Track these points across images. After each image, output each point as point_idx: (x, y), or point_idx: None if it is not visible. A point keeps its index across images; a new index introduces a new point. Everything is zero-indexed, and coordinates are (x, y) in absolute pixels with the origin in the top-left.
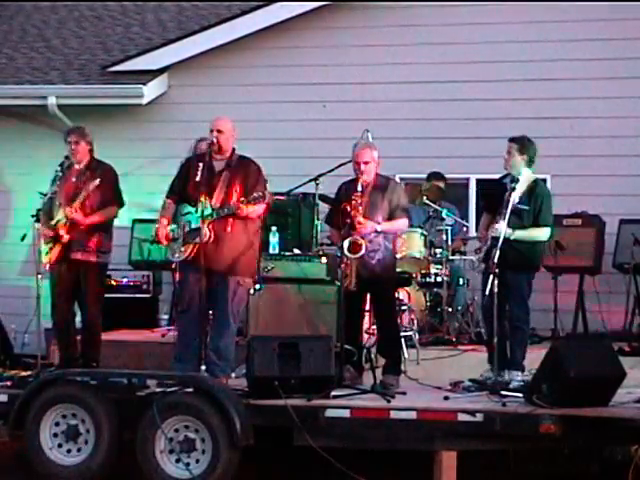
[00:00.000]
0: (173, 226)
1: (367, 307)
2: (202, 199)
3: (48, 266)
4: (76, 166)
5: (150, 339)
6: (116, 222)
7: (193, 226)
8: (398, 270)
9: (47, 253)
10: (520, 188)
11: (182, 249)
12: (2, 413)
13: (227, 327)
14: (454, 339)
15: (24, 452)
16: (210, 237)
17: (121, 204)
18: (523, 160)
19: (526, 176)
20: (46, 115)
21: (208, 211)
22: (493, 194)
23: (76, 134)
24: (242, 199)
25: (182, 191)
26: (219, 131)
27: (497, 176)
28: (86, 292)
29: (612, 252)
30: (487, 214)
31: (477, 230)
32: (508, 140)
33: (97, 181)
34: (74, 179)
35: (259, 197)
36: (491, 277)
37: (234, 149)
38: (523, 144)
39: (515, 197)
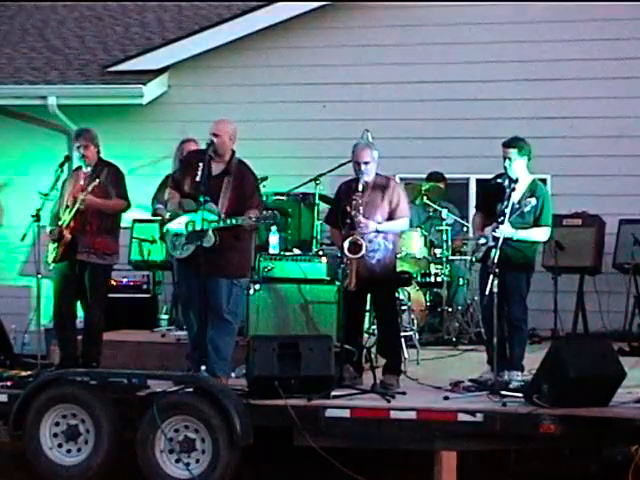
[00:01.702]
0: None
1: (367, 307)
2: (203, 201)
3: (52, 265)
4: (84, 169)
5: (150, 339)
6: None
7: (197, 227)
8: (398, 270)
9: (53, 252)
10: (520, 188)
11: (184, 247)
12: (2, 413)
13: (225, 327)
14: (454, 339)
15: (24, 452)
16: (216, 242)
17: (128, 203)
18: (524, 162)
19: (524, 175)
20: (46, 115)
21: (215, 217)
22: (489, 193)
23: (85, 138)
24: (252, 217)
25: (180, 186)
26: (215, 134)
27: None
28: (89, 293)
29: (612, 252)
30: (481, 214)
31: (472, 230)
32: (503, 146)
33: (96, 182)
34: (82, 182)
35: (270, 216)
36: (491, 277)
37: (234, 152)
38: (520, 146)
39: (516, 197)
